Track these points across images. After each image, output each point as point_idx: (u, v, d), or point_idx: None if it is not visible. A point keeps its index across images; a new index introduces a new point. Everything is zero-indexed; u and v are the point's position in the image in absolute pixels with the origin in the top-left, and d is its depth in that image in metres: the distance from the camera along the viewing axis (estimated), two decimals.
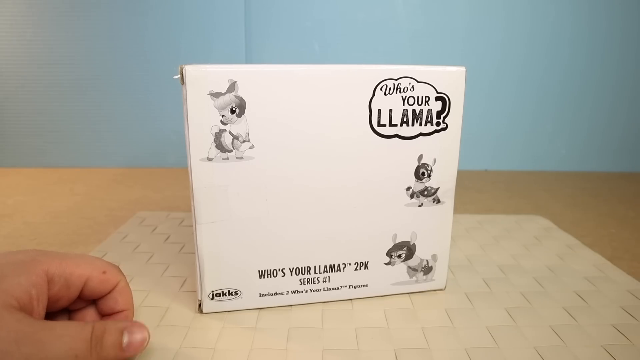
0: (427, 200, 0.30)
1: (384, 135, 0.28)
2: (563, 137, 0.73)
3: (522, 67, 0.69)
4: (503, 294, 0.33)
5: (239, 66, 0.25)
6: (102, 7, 0.65)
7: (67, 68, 0.68)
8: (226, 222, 0.28)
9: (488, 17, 0.67)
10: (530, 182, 0.66)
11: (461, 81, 0.29)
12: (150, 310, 0.30)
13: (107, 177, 0.65)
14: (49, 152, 0.71)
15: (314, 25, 0.67)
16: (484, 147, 0.73)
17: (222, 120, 0.26)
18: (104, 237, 0.42)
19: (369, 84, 0.27)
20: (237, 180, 0.27)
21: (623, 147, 0.73)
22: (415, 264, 0.31)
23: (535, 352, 0.26)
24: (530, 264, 0.37)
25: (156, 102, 0.69)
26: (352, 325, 0.28)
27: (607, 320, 0.29)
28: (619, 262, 0.39)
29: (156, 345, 0.26)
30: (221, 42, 0.67)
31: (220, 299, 0.29)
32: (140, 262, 0.37)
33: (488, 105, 0.71)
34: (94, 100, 0.69)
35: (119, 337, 0.21)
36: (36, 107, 0.69)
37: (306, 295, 0.30)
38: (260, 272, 0.29)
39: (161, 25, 0.66)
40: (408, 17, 0.67)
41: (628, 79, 0.70)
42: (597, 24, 0.68)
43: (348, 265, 0.30)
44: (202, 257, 0.28)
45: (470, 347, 0.26)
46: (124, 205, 0.52)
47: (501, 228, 0.46)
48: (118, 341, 0.21)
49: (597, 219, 0.50)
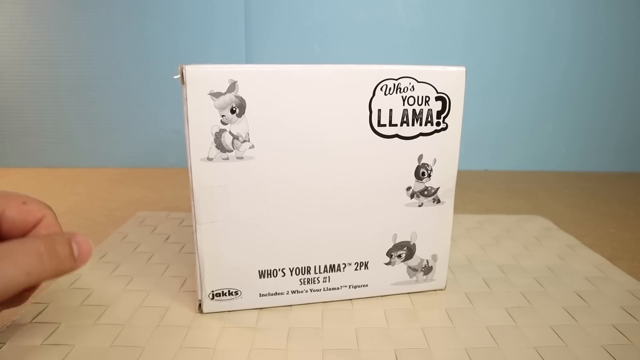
0: (427, 200, 0.30)
1: (384, 135, 0.28)
2: (563, 137, 0.73)
3: (522, 67, 0.69)
4: (503, 294, 0.33)
5: (239, 66, 0.25)
6: (102, 7, 0.65)
7: (67, 68, 0.68)
8: (226, 222, 0.28)
9: (488, 17, 0.67)
10: (530, 182, 0.66)
11: (461, 81, 0.29)
12: (150, 310, 0.30)
13: (107, 177, 0.65)
14: (49, 152, 0.71)
15: (314, 25, 0.67)
16: (483, 147, 0.73)
17: (222, 120, 0.26)
18: (103, 237, 0.42)
19: (369, 84, 0.27)
20: (237, 180, 0.27)
21: (623, 147, 0.73)
22: (416, 264, 0.31)
23: (535, 352, 0.26)
24: (530, 264, 0.37)
25: (156, 102, 0.69)
26: (352, 325, 0.28)
27: (607, 320, 0.29)
28: (619, 262, 0.39)
29: (156, 345, 0.26)
30: (221, 42, 0.67)
31: (220, 299, 0.29)
32: (140, 262, 0.37)
33: (488, 105, 0.71)
34: (94, 100, 0.69)
35: (69, 247, 0.20)
36: (36, 107, 0.69)
37: (306, 295, 0.30)
38: (260, 272, 0.29)
39: (161, 25, 0.66)
40: (408, 17, 0.67)
41: (628, 79, 0.70)
42: (597, 24, 0.68)
43: (348, 265, 0.30)
44: (202, 257, 0.28)
45: (470, 347, 0.26)
46: (124, 205, 0.52)
47: (501, 228, 0.46)
48: (70, 251, 0.20)
49: (597, 219, 0.50)
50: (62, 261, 0.20)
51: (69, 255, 0.20)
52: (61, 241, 0.20)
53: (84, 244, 0.21)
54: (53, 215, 0.23)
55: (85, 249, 0.21)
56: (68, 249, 0.20)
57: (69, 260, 0.20)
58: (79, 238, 0.21)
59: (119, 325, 0.28)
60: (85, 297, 0.31)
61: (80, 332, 0.27)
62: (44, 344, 0.26)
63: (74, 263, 0.20)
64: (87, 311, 0.29)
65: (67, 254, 0.20)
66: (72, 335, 0.27)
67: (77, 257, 0.21)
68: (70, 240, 0.21)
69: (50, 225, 0.22)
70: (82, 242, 0.21)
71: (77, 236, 0.21)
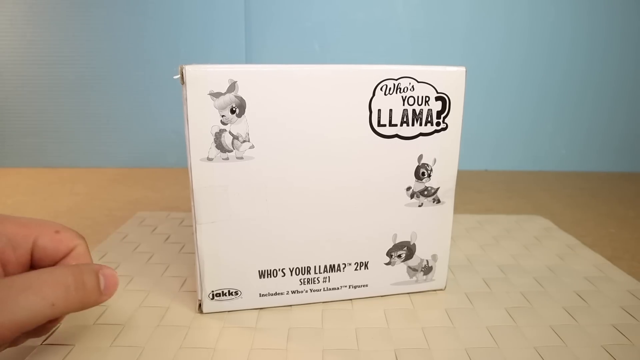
0: (427, 200, 0.30)
1: (384, 136, 0.28)
2: (563, 137, 0.73)
3: (522, 67, 0.69)
4: (503, 294, 0.33)
5: (239, 66, 0.25)
6: (102, 7, 0.65)
7: (67, 68, 0.68)
8: (226, 222, 0.28)
9: (488, 17, 0.67)
10: (530, 182, 0.66)
11: (461, 81, 0.29)
12: (150, 310, 0.30)
13: (107, 177, 0.65)
14: (49, 152, 0.71)
15: (314, 25, 0.67)
16: (483, 147, 0.73)
17: (222, 120, 0.26)
18: (103, 237, 0.42)
19: (369, 84, 0.27)
20: (237, 180, 0.27)
21: (623, 147, 0.73)
22: (415, 264, 0.31)
23: (535, 352, 0.26)
24: (530, 264, 0.37)
25: (156, 102, 0.69)
26: (352, 325, 0.28)
27: (607, 320, 0.29)
28: (619, 262, 0.39)
29: (156, 345, 0.26)
30: (221, 42, 0.67)
31: (220, 299, 0.29)
32: (140, 262, 0.37)
33: (488, 105, 0.71)
34: (94, 100, 0.69)
35: (96, 280, 0.20)
36: (36, 107, 0.69)
37: (306, 295, 0.30)
38: (260, 272, 0.29)
39: (161, 25, 0.66)
40: (408, 17, 0.67)
41: (628, 79, 0.70)
42: (597, 24, 0.68)
43: (348, 265, 0.30)
44: (202, 257, 0.28)
45: (470, 347, 0.26)
46: (124, 205, 0.52)
47: (501, 228, 0.46)
48: (97, 284, 0.20)
49: (597, 219, 0.50)
50: (88, 294, 0.19)
51: (96, 288, 0.20)
52: (89, 272, 0.20)
53: (111, 277, 0.21)
54: (85, 246, 0.23)
55: (111, 282, 0.21)
56: (95, 281, 0.20)
57: (95, 292, 0.20)
58: (106, 271, 0.21)
59: (119, 325, 0.28)
60: None
61: (80, 332, 0.27)
62: (44, 344, 0.26)
63: (100, 296, 0.20)
64: (87, 311, 0.29)
65: (94, 286, 0.20)
66: (72, 335, 0.27)
67: (103, 290, 0.20)
68: (98, 272, 0.20)
69: (81, 256, 0.22)
70: (108, 275, 0.21)
71: (105, 269, 0.21)
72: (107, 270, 0.21)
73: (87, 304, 0.20)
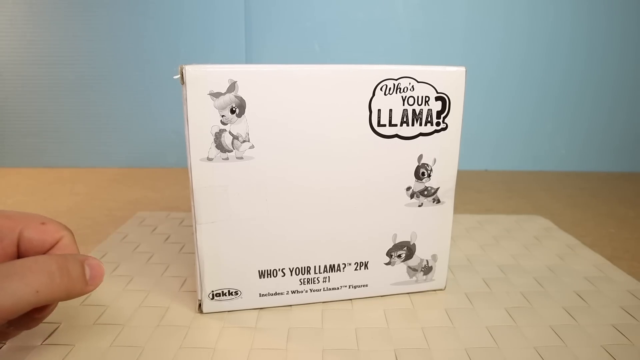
0: (427, 200, 0.30)
1: (384, 135, 0.28)
2: (563, 137, 0.73)
3: (522, 67, 0.69)
4: (503, 294, 0.33)
5: (239, 66, 0.25)
6: (102, 7, 0.65)
7: (67, 68, 0.68)
8: (226, 222, 0.28)
9: (488, 17, 0.67)
10: (530, 182, 0.66)
11: (461, 81, 0.29)
12: (150, 310, 0.30)
13: (107, 177, 0.65)
14: (49, 152, 0.71)
15: (314, 25, 0.67)
16: (483, 147, 0.73)
17: (222, 120, 0.26)
18: (103, 237, 0.42)
19: (369, 84, 0.27)
20: (237, 180, 0.27)
21: (623, 147, 0.73)
22: (415, 264, 0.31)
23: (535, 352, 0.26)
24: (530, 264, 0.37)
25: (156, 102, 0.69)
26: (352, 325, 0.28)
27: (607, 320, 0.29)
28: (619, 262, 0.39)
29: (156, 345, 0.26)
30: (221, 42, 0.67)
31: (220, 299, 0.29)
32: (140, 262, 0.37)
33: (488, 105, 0.71)
34: (94, 100, 0.69)
35: (81, 269, 0.20)
36: (36, 107, 0.69)
37: (306, 295, 0.30)
38: (260, 272, 0.29)
39: (161, 25, 0.66)
40: (408, 17, 0.67)
41: (628, 79, 0.70)
42: (597, 24, 0.68)
43: (348, 265, 0.30)
44: (202, 257, 0.28)
45: (470, 347, 0.26)
46: (124, 205, 0.52)
47: (501, 228, 0.46)
48: (82, 273, 0.20)
49: (597, 219, 0.50)
50: (73, 281, 0.19)
51: (81, 277, 0.20)
52: (74, 261, 0.20)
53: (97, 267, 0.21)
54: (71, 237, 0.23)
55: (97, 272, 0.21)
56: (80, 270, 0.20)
57: (80, 281, 0.20)
58: (91, 261, 0.21)
59: (119, 325, 0.28)
60: (85, 297, 0.31)
61: (80, 332, 0.27)
62: (44, 344, 0.26)
63: (85, 285, 0.20)
64: (87, 311, 0.29)
65: (78, 275, 0.20)
66: (72, 335, 0.27)
67: (88, 279, 0.20)
68: (83, 261, 0.21)
69: (68, 247, 0.22)
70: (94, 265, 0.21)
71: (90, 259, 0.21)
72: (92, 261, 0.21)
73: (72, 293, 0.20)
